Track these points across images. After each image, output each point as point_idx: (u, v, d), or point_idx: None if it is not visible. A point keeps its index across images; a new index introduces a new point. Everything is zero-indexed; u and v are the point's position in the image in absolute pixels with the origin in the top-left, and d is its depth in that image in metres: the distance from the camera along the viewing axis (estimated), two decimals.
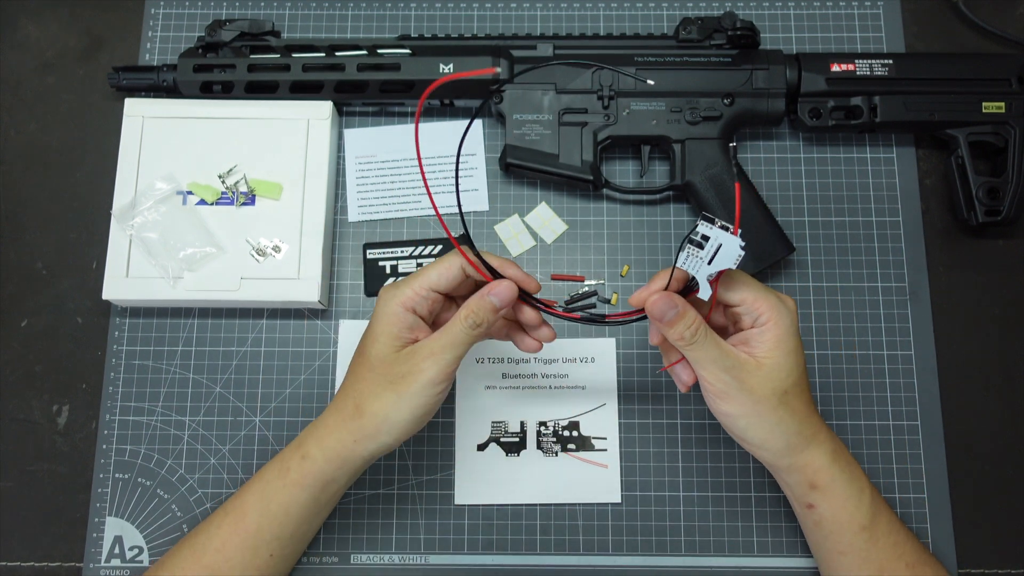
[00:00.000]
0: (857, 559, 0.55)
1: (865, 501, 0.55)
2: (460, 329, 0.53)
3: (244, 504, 0.57)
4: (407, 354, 0.54)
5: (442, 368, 0.53)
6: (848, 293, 0.71)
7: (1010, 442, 0.68)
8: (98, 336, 0.70)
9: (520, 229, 0.72)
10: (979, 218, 0.69)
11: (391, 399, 0.53)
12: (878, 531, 0.55)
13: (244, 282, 0.68)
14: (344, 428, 0.55)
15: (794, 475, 0.55)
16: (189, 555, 0.57)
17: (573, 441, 0.67)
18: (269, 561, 0.57)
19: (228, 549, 0.56)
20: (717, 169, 0.69)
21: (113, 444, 0.67)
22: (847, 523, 0.55)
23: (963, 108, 0.70)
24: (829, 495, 0.55)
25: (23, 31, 0.77)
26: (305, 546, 0.61)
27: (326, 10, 0.78)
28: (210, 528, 0.57)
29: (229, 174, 0.70)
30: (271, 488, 0.57)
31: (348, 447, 0.55)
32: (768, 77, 0.70)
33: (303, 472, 0.56)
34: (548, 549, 0.66)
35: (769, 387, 0.52)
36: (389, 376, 0.54)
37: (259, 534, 0.56)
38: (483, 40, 0.72)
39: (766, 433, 0.53)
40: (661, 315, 0.51)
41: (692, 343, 0.51)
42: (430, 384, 0.53)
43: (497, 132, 0.74)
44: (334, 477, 0.56)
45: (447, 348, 0.53)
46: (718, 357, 0.52)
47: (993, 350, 0.70)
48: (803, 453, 0.54)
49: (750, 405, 0.52)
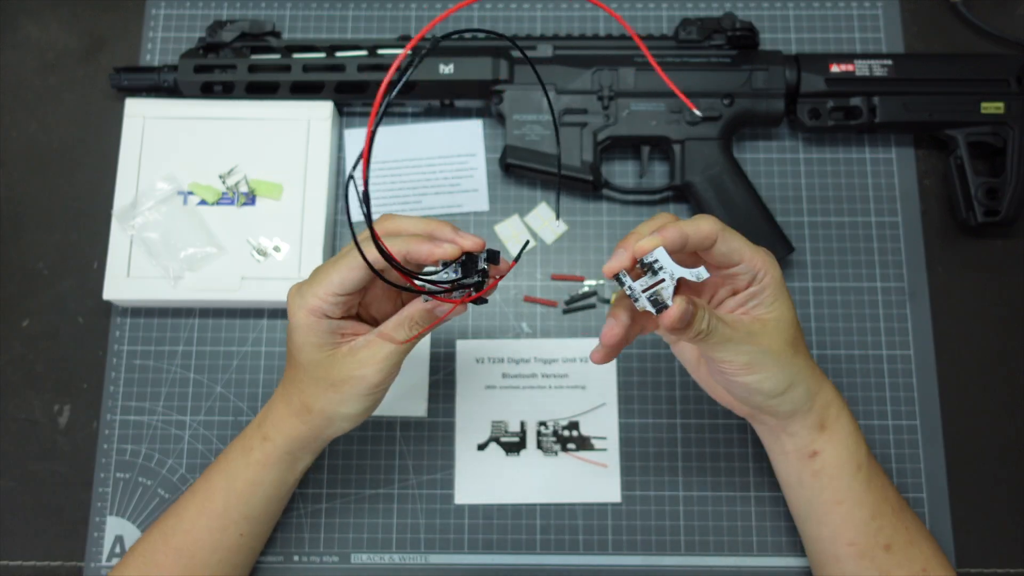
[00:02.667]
0: (852, 504, 0.55)
1: (860, 437, 0.56)
2: (401, 338, 0.51)
3: (210, 484, 0.57)
4: (343, 356, 0.51)
5: (385, 375, 0.51)
6: (847, 293, 0.71)
7: (1009, 442, 0.68)
8: (99, 336, 0.70)
9: (520, 229, 0.72)
10: (978, 218, 0.69)
11: (335, 399, 0.52)
12: (872, 471, 0.56)
13: (245, 282, 0.68)
14: (297, 419, 0.54)
15: (809, 419, 0.54)
16: (159, 539, 0.57)
17: (573, 441, 0.67)
18: (239, 540, 0.57)
19: (197, 530, 0.56)
20: (717, 170, 0.69)
21: (114, 444, 0.68)
22: (848, 463, 0.55)
23: (962, 108, 0.70)
24: (835, 433, 0.55)
25: (24, 31, 0.77)
26: (273, 524, 0.61)
27: (326, 10, 0.78)
28: (178, 510, 0.57)
29: (230, 174, 0.70)
30: (235, 467, 0.57)
31: (304, 433, 0.55)
32: (767, 77, 0.70)
33: (266, 452, 0.56)
34: (548, 549, 0.66)
35: (781, 339, 0.51)
36: (328, 379, 0.52)
37: (226, 513, 0.56)
38: (483, 40, 0.72)
39: (787, 384, 0.52)
40: (683, 323, 0.47)
41: (709, 332, 0.48)
42: (372, 388, 0.52)
43: (497, 132, 0.74)
44: (298, 457, 0.57)
45: (388, 356, 0.51)
46: (732, 335, 0.49)
47: (992, 350, 0.70)
48: (819, 394, 0.54)
49: (773, 365, 0.51)
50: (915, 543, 0.56)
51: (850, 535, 0.55)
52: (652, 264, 0.46)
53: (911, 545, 0.56)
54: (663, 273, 0.46)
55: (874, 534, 0.55)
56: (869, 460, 0.56)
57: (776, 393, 0.52)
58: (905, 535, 0.56)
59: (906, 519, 0.57)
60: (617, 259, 0.47)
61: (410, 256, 0.48)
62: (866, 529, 0.55)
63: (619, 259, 0.47)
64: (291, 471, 0.57)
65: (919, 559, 0.56)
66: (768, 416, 0.55)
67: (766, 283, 0.50)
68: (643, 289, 0.46)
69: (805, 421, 0.55)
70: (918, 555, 0.56)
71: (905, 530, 0.56)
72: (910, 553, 0.55)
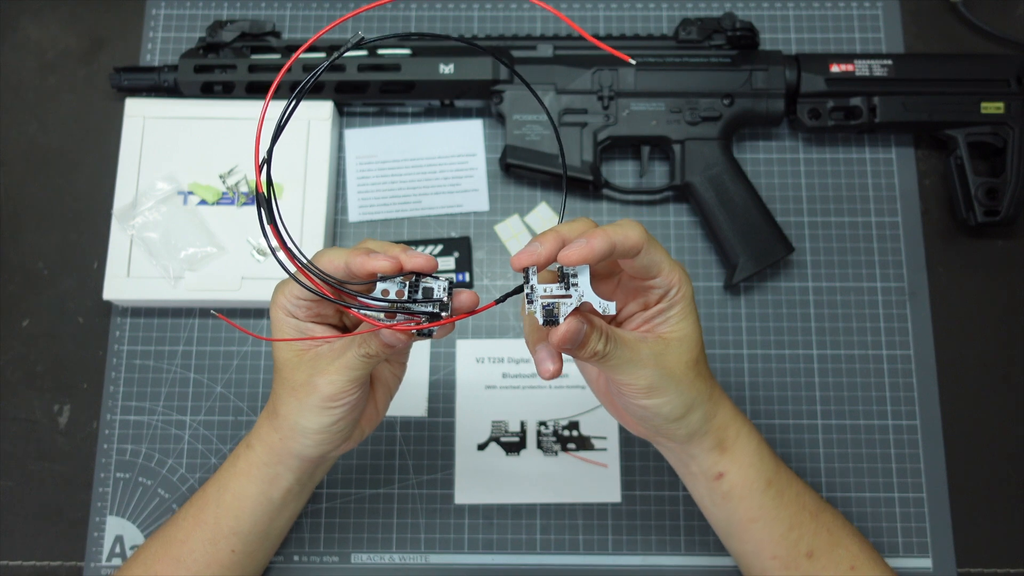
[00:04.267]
0: (767, 521, 0.54)
1: (765, 452, 0.54)
2: (353, 356, 0.47)
3: (205, 495, 0.56)
4: (307, 361, 0.49)
5: (338, 388, 0.48)
6: (847, 293, 0.71)
7: (1009, 442, 0.68)
8: (99, 336, 0.70)
9: (520, 229, 0.72)
10: (978, 218, 0.69)
11: (294, 405, 0.50)
12: (782, 482, 0.55)
13: (245, 282, 0.68)
14: (270, 424, 0.53)
15: (707, 441, 0.52)
16: (159, 547, 0.57)
17: (573, 441, 0.67)
18: (231, 557, 0.56)
19: (192, 541, 0.56)
20: (717, 170, 0.69)
21: (114, 444, 0.68)
22: (755, 481, 0.54)
23: (962, 108, 0.70)
24: (737, 454, 0.53)
25: (24, 32, 0.77)
26: (268, 547, 0.59)
27: (326, 10, 0.78)
28: (177, 519, 0.57)
29: (230, 174, 0.70)
30: (224, 476, 0.56)
31: (276, 443, 0.53)
32: (767, 78, 0.70)
33: (248, 461, 0.55)
34: (548, 549, 0.66)
35: (684, 360, 0.48)
36: (291, 382, 0.50)
37: (216, 526, 0.55)
38: (483, 40, 0.72)
39: (686, 408, 0.49)
40: (571, 343, 0.43)
41: (606, 354, 0.45)
42: (327, 400, 0.49)
43: (497, 132, 0.74)
44: (277, 472, 0.54)
45: (341, 370, 0.48)
46: (632, 356, 0.46)
47: (992, 350, 0.70)
48: (716, 416, 0.52)
49: (673, 389, 0.48)
50: (839, 544, 0.56)
51: (771, 549, 0.55)
52: (568, 276, 0.43)
53: (835, 547, 0.55)
54: (574, 290, 0.42)
55: (794, 544, 0.54)
56: (778, 472, 0.55)
57: (675, 417, 0.50)
58: (827, 538, 0.55)
59: (826, 521, 0.56)
60: (529, 254, 0.42)
61: (350, 266, 0.45)
62: (785, 542, 0.54)
63: (532, 255, 0.42)
64: (273, 486, 0.55)
65: (845, 558, 0.55)
66: (666, 439, 0.53)
67: (676, 299, 0.48)
68: (544, 295, 0.42)
69: (703, 444, 0.53)
70: (844, 555, 0.55)
71: (827, 533, 0.55)
72: (835, 555, 0.55)
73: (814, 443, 0.68)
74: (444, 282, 0.43)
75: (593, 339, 0.44)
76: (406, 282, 0.43)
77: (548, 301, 0.42)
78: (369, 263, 0.43)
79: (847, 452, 0.67)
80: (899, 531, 0.66)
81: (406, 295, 0.43)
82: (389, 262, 0.43)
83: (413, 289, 0.43)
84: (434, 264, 0.44)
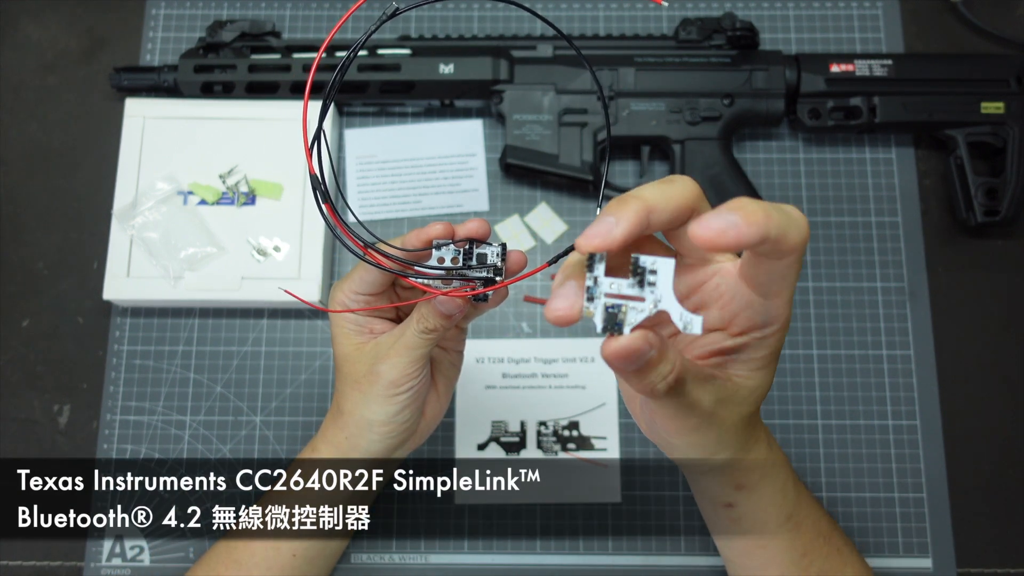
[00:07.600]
0: (782, 548, 0.50)
1: (789, 488, 0.48)
2: (412, 334, 0.48)
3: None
4: (368, 352, 0.50)
5: (400, 372, 0.49)
6: (847, 293, 0.71)
7: (1009, 442, 0.68)
8: (99, 336, 0.70)
9: (520, 229, 0.72)
10: (978, 218, 0.69)
11: (359, 398, 0.51)
12: (801, 515, 0.50)
13: (245, 282, 0.68)
14: (335, 424, 0.53)
15: (724, 478, 0.46)
16: (223, 550, 0.56)
17: (573, 441, 0.67)
18: (292, 561, 0.56)
19: (253, 544, 0.55)
20: (717, 170, 0.69)
21: (114, 444, 0.68)
22: (773, 517, 0.48)
23: (962, 108, 0.70)
24: (755, 494, 0.47)
25: (24, 32, 0.77)
26: (332, 552, 0.59)
27: (326, 10, 0.78)
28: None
29: (230, 174, 0.70)
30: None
31: (342, 441, 0.53)
32: (767, 78, 0.70)
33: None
34: (548, 549, 0.66)
35: (744, 415, 0.40)
36: (353, 375, 0.51)
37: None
38: (483, 40, 0.72)
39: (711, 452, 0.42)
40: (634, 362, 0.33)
41: (671, 392, 0.35)
42: (391, 386, 0.49)
43: (497, 132, 0.74)
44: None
45: (401, 352, 0.48)
46: (694, 402, 0.37)
47: (992, 350, 0.70)
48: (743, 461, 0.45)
49: (716, 439, 0.41)
50: (848, 563, 0.53)
51: (779, 570, 0.51)
52: (646, 270, 0.33)
53: (844, 567, 0.53)
54: (649, 291, 0.33)
55: (805, 569, 0.51)
56: (798, 505, 0.50)
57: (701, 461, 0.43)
58: (838, 559, 0.53)
59: (837, 542, 0.53)
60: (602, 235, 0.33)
61: (405, 243, 0.46)
62: (797, 568, 0.51)
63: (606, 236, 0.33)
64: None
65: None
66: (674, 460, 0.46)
67: (771, 342, 0.38)
68: (609, 292, 0.33)
69: (719, 479, 0.46)
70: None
71: (837, 554, 0.53)
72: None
73: (814, 443, 0.68)
74: (497, 247, 0.43)
75: (657, 373, 0.34)
76: (460, 249, 0.44)
77: (613, 302, 0.33)
78: (424, 232, 0.44)
79: (847, 452, 0.67)
80: (899, 531, 0.66)
81: (461, 262, 0.44)
82: (443, 226, 0.44)
83: (467, 256, 0.44)
84: (487, 229, 0.44)
